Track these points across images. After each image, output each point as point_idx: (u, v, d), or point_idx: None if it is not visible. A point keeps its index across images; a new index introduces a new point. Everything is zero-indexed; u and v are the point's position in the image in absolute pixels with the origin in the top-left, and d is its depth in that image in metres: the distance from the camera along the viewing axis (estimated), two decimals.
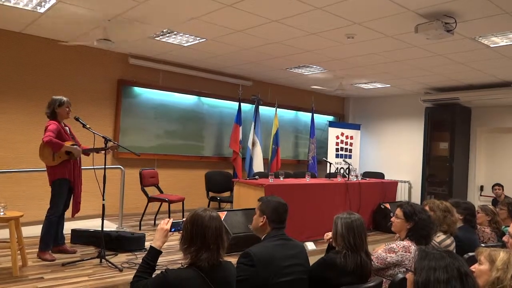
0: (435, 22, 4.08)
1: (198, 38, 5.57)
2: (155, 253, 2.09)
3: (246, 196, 5.63)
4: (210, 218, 2.01)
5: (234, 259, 2.39)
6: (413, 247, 2.71)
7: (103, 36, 4.99)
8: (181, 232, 2.06)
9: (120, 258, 4.25)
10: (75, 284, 3.45)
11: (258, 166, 8.02)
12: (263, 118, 8.33)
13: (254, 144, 8.06)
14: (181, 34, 5.42)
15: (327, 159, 8.04)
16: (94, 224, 5.01)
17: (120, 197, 5.74)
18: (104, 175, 4.13)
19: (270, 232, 2.53)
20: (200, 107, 7.72)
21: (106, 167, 4.19)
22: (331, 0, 3.98)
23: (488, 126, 8.35)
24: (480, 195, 8.38)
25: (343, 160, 8.46)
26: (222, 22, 4.82)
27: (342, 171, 8.14)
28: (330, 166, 6.94)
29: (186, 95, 7.49)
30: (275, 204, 2.58)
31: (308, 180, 6.32)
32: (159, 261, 2.15)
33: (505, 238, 2.79)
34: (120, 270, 3.83)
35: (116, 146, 4.49)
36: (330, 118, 9.99)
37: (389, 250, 2.71)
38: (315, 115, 9.23)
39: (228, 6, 4.25)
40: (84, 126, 4.22)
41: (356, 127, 9.75)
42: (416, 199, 8.36)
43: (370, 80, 7.90)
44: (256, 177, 6.14)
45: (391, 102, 9.55)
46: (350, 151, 9.55)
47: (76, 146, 4.21)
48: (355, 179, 6.69)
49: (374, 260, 2.66)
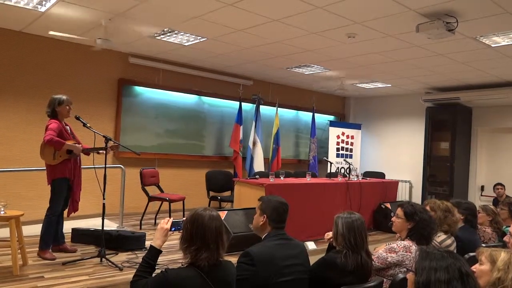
0: (436, 21, 4.07)
1: (198, 38, 5.57)
2: (155, 252, 2.09)
3: (246, 196, 5.63)
4: (210, 218, 2.01)
5: (234, 259, 2.39)
6: (413, 247, 2.71)
7: (104, 36, 4.99)
8: (181, 231, 2.06)
9: (121, 257, 4.25)
10: (76, 283, 3.45)
11: (259, 165, 8.02)
12: (263, 117, 8.32)
13: (254, 143, 8.06)
14: (181, 33, 5.42)
15: (327, 158, 8.03)
16: (95, 223, 5.01)
17: (120, 196, 5.74)
18: (105, 174, 4.14)
19: (270, 231, 2.53)
20: (200, 107, 7.72)
21: (107, 166, 4.19)
22: None
23: (489, 126, 8.35)
24: (481, 195, 8.37)
25: (344, 160, 8.45)
26: (223, 21, 4.82)
27: (342, 170, 8.13)
28: (331, 166, 6.94)
29: (186, 95, 7.48)
30: (275, 204, 2.57)
31: (308, 179, 6.31)
32: (159, 260, 2.15)
33: (506, 238, 2.78)
34: (121, 269, 3.83)
35: (116, 146, 4.49)
36: (331, 118, 9.98)
37: (389, 250, 2.70)
38: (316, 114, 9.23)
39: (228, 5, 4.25)
40: (84, 125, 4.22)
41: (357, 126, 9.74)
42: (417, 199, 8.35)
43: (371, 79, 7.89)
44: (257, 176, 6.14)
45: (392, 102, 9.54)
46: (351, 150, 9.54)
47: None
48: (355, 179, 6.70)
49: (374, 260, 2.66)
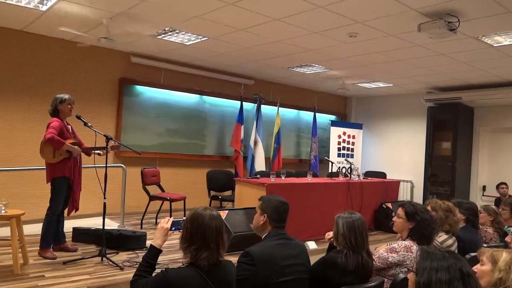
0: (438, 21, 4.06)
1: (200, 37, 5.56)
2: (155, 252, 2.09)
3: (247, 195, 5.63)
4: (210, 217, 2.00)
5: (235, 258, 2.38)
6: (414, 247, 2.70)
7: (105, 35, 4.99)
8: (181, 231, 2.06)
9: (121, 257, 4.25)
10: (76, 282, 3.46)
11: (260, 165, 8.01)
12: (265, 117, 8.32)
13: (256, 143, 8.05)
14: (183, 32, 5.41)
15: (329, 158, 8.02)
16: (96, 223, 5.01)
17: (121, 195, 5.74)
18: (106, 174, 4.14)
19: (270, 231, 2.52)
20: (202, 106, 7.72)
21: (108, 165, 4.19)
22: None
23: (490, 126, 8.33)
24: (483, 195, 8.35)
25: (345, 160, 8.45)
26: (224, 20, 4.81)
27: (344, 170, 8.14)
28: (332, 166, 6.93)
29: (188, 94, 7.48)
30: (276, 203, 2.57)
31: (310, 179, 6.31)
32: (159, 260, 2.14)
33: (507, 238, 2.78)
34: (121, 269, 3.83)
35: (117, 146, 4.48)
36: (332, 118, 9.97)
37: (390, 250, 2.70)
38: (317, 114, 9.22)
39: (230, 4, 4.24)
40: (85, 124, 4.22)
41: (358, 126, 9.73)
42: (418, 199, 8.33)
43: (372, 79, 7.88)
44: (258, 176, 6.14)
45: (394, 102, 9.52)
46: (352, 150, 9.53)
47: (77, 145, 4.20)
48: (357, 179, 6.69)
49: (375, 259, 2.65)
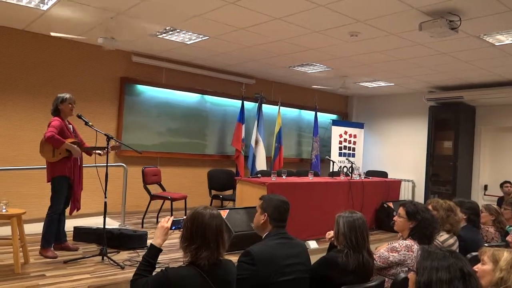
0: (439, 20, 4.05)
1: (201, 36, 5.56)
2: (155, 251, 2.09)
3: (248, 195, 5.62)
4: (211, 216, 2.00)
5: (235, 258, 2.38)
6: (415, 247, 2.70)
7: (106, 34, 4.99)
8: (181, 230, 2.05)
9: (122, 256, 4.25)
10: (77, 281, 3.46)
11: (261, 164, 8.01)
12: (266, 116, 8.31)
13: (257, 142, 8.05)
14: (183, 32, 5.41)
15: (330, 157, 8.02)
16: (96, 222, 5.01)
17: (122, 194, 5.74)
18: (106, 173, 4.13)
19: (271, 230, 2.51)
20: (203, 105, 7.71)
21: (109, 164, 4.19)
22: None
23: (492, 125, 8.31)
24: (484, 194, 8.33)
25: (346, 159, 8.44)
26: (225, 19, 4.81)
27: (345, 169, 8.13)
28: (333, 165, 6.92)
29: (189, 93, 7.48)
30: (276, 202, 2.56)
31: (311, 178, 6.30)
32: (159, 259, 2.14)
33: (509, 238, 2.77)
34: (122, 268, 3.83)
35: (118, 146, 4.48)
36: (334, 117, 9.96)
37: (391, 249, 2.69)
38: (318, 113, 9.21)
39: (230, 3, 4.24)
40: (86, 123, 4.22)
41: (359, 125, 9.72)
42: (419, 198, 8.32)
43: (373, 78, 7.86)
44: (259, 175, 6.13)
45: (395, 101, 9.51)
46: (354, 149, 9.52)
47: (77, 144, 4.19)
48: (358, 178, 6.67)
49: (376, 259, 2.64)
